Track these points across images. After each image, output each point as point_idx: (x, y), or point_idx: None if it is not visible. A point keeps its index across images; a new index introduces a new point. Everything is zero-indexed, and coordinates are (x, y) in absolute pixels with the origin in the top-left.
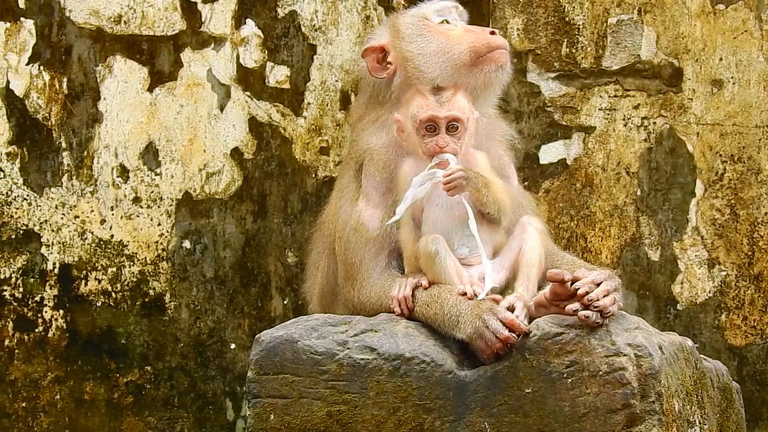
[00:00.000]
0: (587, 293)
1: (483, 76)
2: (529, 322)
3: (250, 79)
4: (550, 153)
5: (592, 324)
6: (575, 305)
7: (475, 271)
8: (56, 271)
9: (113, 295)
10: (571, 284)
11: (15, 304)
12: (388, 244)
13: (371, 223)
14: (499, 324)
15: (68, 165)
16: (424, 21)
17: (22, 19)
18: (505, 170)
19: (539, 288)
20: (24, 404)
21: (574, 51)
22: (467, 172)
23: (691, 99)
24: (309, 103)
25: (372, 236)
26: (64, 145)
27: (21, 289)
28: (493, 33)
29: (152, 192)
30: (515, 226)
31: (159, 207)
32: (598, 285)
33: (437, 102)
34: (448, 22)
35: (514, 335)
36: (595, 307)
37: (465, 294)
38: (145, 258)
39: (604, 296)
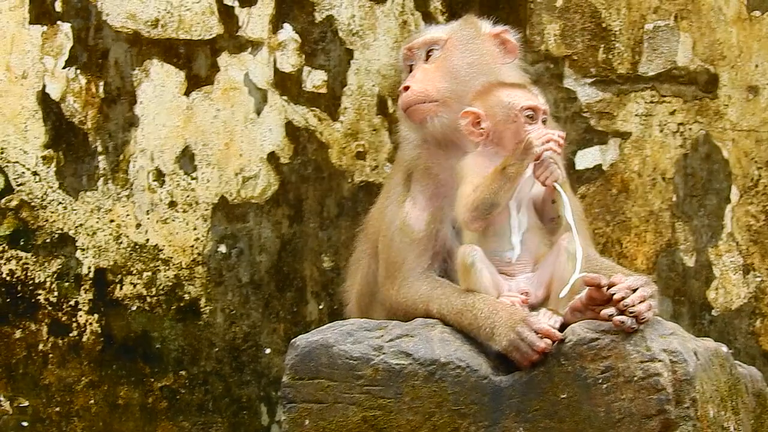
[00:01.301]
0: (623, 298)
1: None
2: (565, 327)
3: (287, 84)
4: (586, 158)
5: (627, 329)
6: (611, 310)
7: (515, 283)
8: (91, 275)
9: (148, 299)
10: (608, 289)
11: (50, 308)
12: (432, 246)
13: (417, 224)
14: (533, 335)
15: (104, 169)
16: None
17: (58, 22)
18: None
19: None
20: (58, 409)
21: (610, 57)
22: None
23: (727, 105)
24: (346, 108)
25: (417, 237)
26: (100, 148)
27: (56, 294)
28: (400, 91)
29: (188, 196)
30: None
31: (195, 211)
32: (634, 291)
33: (530, 92)
34: (411, 65)
35: (550, 343)
36: (631, 312)
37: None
38: (181, 262)
39: (639, 302)
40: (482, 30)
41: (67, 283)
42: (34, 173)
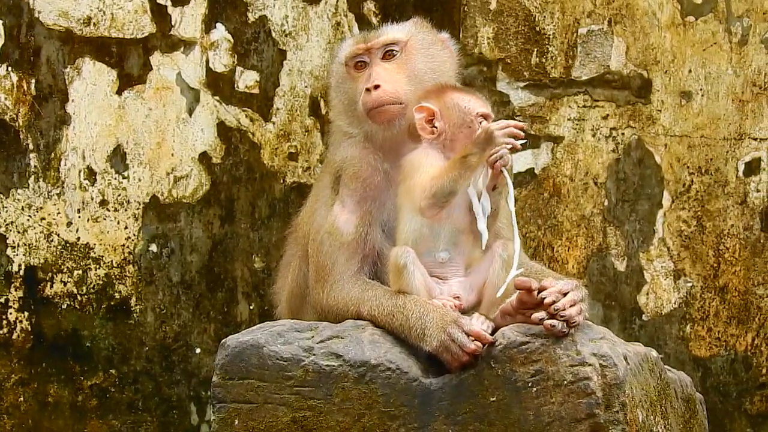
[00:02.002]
0: (554, 302)
1: (382, 132)
2: (495, 331)
3: (220, 84)
4: (518, 162)
5: (558, 333)
6: (541, 314)
7: (447, 287)
8: (21, 272)
9: (79, 297)
10: (538, 293)
11: None
12: (362, 249)
13: (346, 228)
14: (464, 337)
15: (35, 167)
16: (342, 67)
17: None
18: None
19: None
20: None
21: (543, 61)
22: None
23: (660, 110)
24: (278, 109)
25: (346, 240)
26: (31, 146)
27: None
28: (367, 90)
29: (119, 195)
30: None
31: (126, 210)
32: (565, 295)
33: (481, 100)
34: (362, 63)
35: (481, 345)
36: (561, 316)
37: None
38: (112, 261)
39: (570, 306)
40: (437, 35)
41: None
42: None
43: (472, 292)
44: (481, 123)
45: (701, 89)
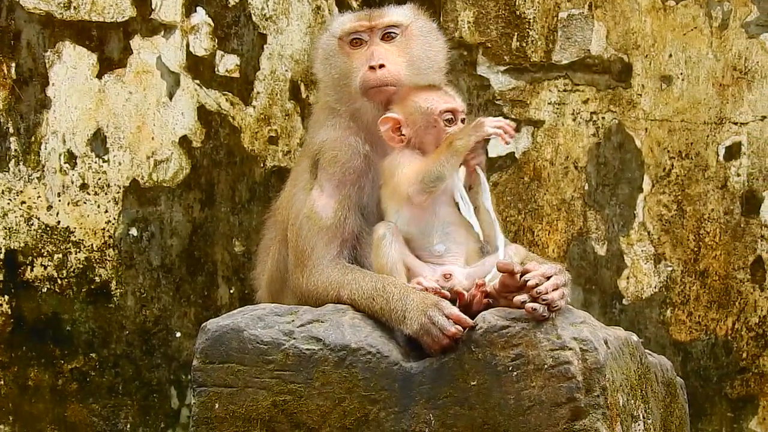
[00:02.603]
0: (537, 285)
1: (371, 111)
2: (476, 315)
3: (200, 68)
4: (498, 146)
5: (539, 317)
6: (523, 297)
7: (439, 269)
8: (2, 256)
9: (59, 281)
10: (521, 276)
11: None
12: (341, 233)
13: (325, 212)
14: (445, 320)
15: (15, 150)
16: (336, 41)
17: None
18: None
19: None
20: None
21: (524, 45)
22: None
23: (640, 95)
24: (258, 93)
25: (325, 225)
26: (11, 130)
27: None
28: (372, 68)
29: (99, 179)
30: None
31: (106, 194)
32: (548, 278)
33: (446, 95)
34: (359, 41)
35: (461, 329)
36: (544, 300)
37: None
38: (92, 245)
39: (553, 290)
40: (432, 24)
41: None
42: None
43: (467, 280)
44: (447, 120)
45: (682, 73)
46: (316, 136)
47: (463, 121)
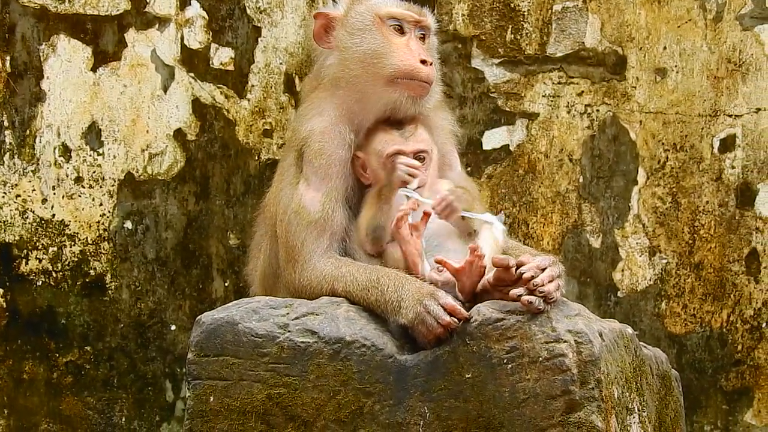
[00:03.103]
0: (533, 277)
1: (390, 97)
2: (470, 308)
3: (195, 61)
4: (493, 139)
5: (535, 310)
6: (519, 290)
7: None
8: None
9: (54, 274)
10: (516, 269)
11: None
12: (330, 227)
13: (312, 206)
14: (440, 309)
15: (10, 144)
16: (375, 18)
17: None
18: (448, 157)
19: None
20: None
21: (518, 37)
22: (455, 192)
23: (635, 87)
24: (253, 86)
25: (313, 219)
26: (6, 123)
27: None
28: (423, 62)
29: (94, 172)
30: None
31: (101, 187)
32: (543, 270)
33: (401, 136)
34: (400, 28)
35: (456, 320)
36: (540, 292)
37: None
38: (87, 238)
39: (549, 282)
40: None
41: None
42: None
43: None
44: (393, 162)
45: (676, 66)
46: (302, 126)
47: (422, 160)
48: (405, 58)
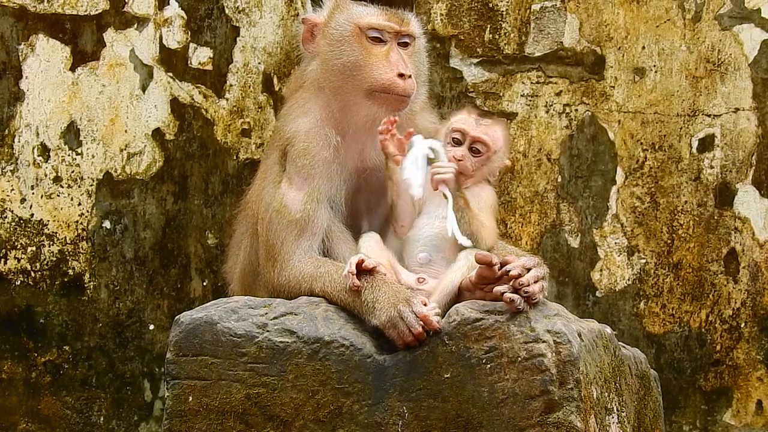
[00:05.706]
0: (519, 276)
1: (369, 109)
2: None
3: (173, 60)
4: None
5: (515, 309)
6: (503, 287)
7: (406, 275)
8: None
9: (32, 274)
10: (500, 267)
11: None
12: (311, 227)
13: (294, 206)
14: (413, 318)
15: None
16: (354, 28)
17: None
18: None
19: None
20: None
21: (497, 37)
22: (458, 178)
23: (613, 87)
24: (231, 85)
25: (294, 218)
26: None
27: None
28: (401, 75)
29: (73, 171)
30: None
31: (80, 187)
32: (529, 270)
33: (476, 122)
34: (380, 39)
35: (424, 333)
36: (525, 292)
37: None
38: (65, 237)
39: (534, 282)
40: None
41: None
42: None
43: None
44: (453, 140)
45: (654, 66)
46: (286, 126)
47: (478, 152)
48: (382, 72)
